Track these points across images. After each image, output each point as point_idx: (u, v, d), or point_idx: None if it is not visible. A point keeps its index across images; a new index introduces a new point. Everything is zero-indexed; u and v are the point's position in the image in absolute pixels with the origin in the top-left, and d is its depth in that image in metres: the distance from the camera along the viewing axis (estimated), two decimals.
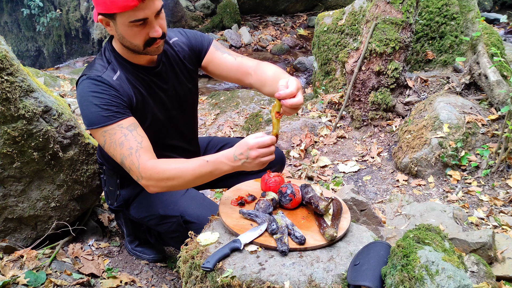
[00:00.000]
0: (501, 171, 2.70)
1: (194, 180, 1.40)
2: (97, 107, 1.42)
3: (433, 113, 2.98)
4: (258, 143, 1.31)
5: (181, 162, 1.42)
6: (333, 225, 1.30)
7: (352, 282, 1.11)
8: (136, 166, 1.41)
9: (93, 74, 1.48)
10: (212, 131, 4.16)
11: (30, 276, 1.58)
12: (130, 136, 1.43)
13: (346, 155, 3.32)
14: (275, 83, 1.45)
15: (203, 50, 1.71)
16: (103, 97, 1.43)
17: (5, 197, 1.75)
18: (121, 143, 1.42)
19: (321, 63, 4.34)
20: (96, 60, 1.56)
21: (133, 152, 1.41)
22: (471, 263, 1.56)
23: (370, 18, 3.34)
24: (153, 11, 1.38)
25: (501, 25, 6.98)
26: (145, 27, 1.40)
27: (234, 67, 1.69)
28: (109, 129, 1.42)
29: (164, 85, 1.63)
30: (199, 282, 1.22)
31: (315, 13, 8.29)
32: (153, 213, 1.70)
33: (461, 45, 3.73)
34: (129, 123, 1.45)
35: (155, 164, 1.41)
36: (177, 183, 1.41)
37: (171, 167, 1.40)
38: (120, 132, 1.42)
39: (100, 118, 1.42)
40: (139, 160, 1.40)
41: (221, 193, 2.85)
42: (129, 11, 1.34)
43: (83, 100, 1.46)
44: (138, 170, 1.41)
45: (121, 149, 1.42)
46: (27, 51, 8.14)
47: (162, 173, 1.39)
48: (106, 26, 1.45)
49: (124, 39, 1.44)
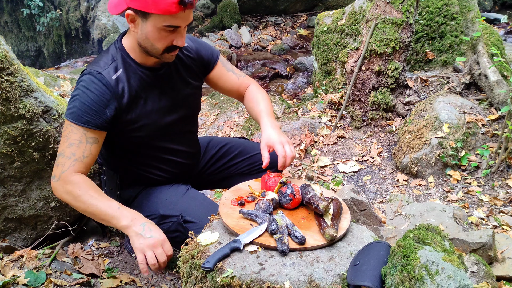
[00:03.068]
0: (501, 171, 2.70)
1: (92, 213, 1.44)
2: (81, 104, 1.46)
3: (433, 113, 2.98)
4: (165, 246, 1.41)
5: (97, 192, 1.46)
6: (333, 225, 1.30)
7: (352, 282, 1.11)
8: (64, 168, 1.45)
9: (94, 70, 1.50)
10: (212, 131, 4.16)
11: (30, 276, 1.58)
12: (83, 146, 1.47)
13: (346, 155, 3.32)
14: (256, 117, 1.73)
15: (211, 63, 1.76)
16: (90, 98, 1.46)
17: (5, 197, 1.75)
18: (71, 144, 1.46)
19: (321, 63, 4.34)
20: (101, 56, 1.56)
21: (72, 159, 1.46)
22: (471, 263, 1.56)
23: (370, 18, 3.34)
24: (186, 22, 1.42)
25: (501, 25, 6.98)
26: (172, 34, 1.43)
27: (236, 87, 1.83)
28: (74, 127, 1.46)
29: (167, 87, 1.63)
30: (199, 282, 1.22)
31: (315, 13, 8.29)
32: (153, 213, 1.70)
33: (461, 45, 3.73)
34: (93, 135, 1.48)
35: (78, 178, 1.46)
36: (78, 206, 1.46)
37: (87, 189, 1.45)
38: (79, 136, 1.47)
39: (76, 115, 1.46)
40: (70, 168, 1.45)
41: (221, 193, 2.85)
42: (167, 15, 1.35)
43: (76, 89, 1.50)
44: (61, 173, 1.45)
45: (67, 148, 1.47)
46: (27, 51, 8.14)
47: (75, 188, 1.44)
48: (131, 22, 1.44)
49: (147, 40, 1.44)
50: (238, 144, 1.93)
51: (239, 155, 1.89)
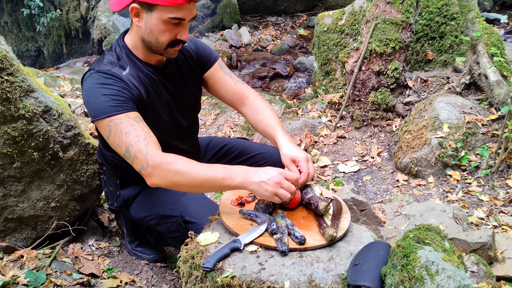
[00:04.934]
0: (501, 171, 2.70)
1: (202, 182, 1.33)
2: (105, 97, 1.40)
3: (433, 113, 2.98)
4: (287, 174, 1.32)
5: (194, 162, 1.37)
6: (333, 225, 1.30)
7: (352, 282, 1.11)
8: (144, 153, 1.34)
9: (102, 68, 1.47)
10: (212, 131, 4.16)
11: (30, 276, 1.58)
12: (137, 126, 1.39)
13: (346, 155, 3.32)
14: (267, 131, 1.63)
15: (208, 63, 1.74)
16: (112, 88, 1.42)
17: (5, 197, 1.75)
18: (128, 132, 1.36)
19: (321, 63, 4.34)
20: (106, 55, 1.54)
21: (141, 140, 1.35)
22: (471, 263, 1.56)
23: (370, 18, 3.34)
24: (191, 15, 1.42)
25: (501, 25, 6.98)
26: (177, 28, 1.43)
27: (231, 91, 1.75)
28: (115, 119, 1.38)
29: (171, 86, 1.63)
30: (199, 282, 1.22)
31: (315, 13, 8.29)
32: (153, 213, 1.70)
33: (461, 45, 3.73)
34: (135, 115, 1.42)
35: (165, 155, 1.36)
36: (183, 180, 1.33)
37: (183, 161, 1.35)
38: (126, 121, 1.38)
39: (107, 108, 1.38)
40: (148, 148, 1.34)
41: (221, 193, 2.85)
42: (173, 7, 1.36)
43: (91, 91, 1.43)
44: (145, 158, 1.34)
45: (127, 137, 1.36)
46: (27, 51, 8.13)
47: (172, 164, 1.33)
48: (135, 16, 1.44)
49: (151, 33, 1.44)
50: (238, 144, 1.93)
51: (239, 155, 1.89)
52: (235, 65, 7.01)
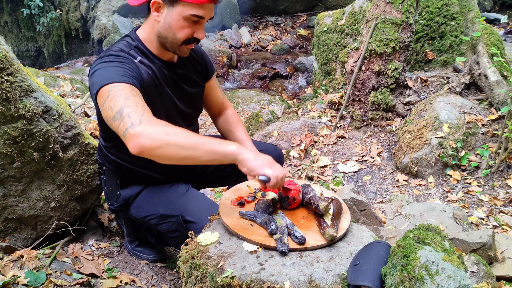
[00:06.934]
0: (501, 171, 2.70)
1: (196, 143, 1.24)
2: (114, 68, 1.36)
3: (433, 113, 2.98)
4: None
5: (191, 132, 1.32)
6: (333, 225, 1.30)
7: (352, 282, 1.11)
8: (139, 114, 1.25)
9: (114, 51, 1.46)
10: (212, 131, 4.16)
11: (30, 276, 1.58)
12: (139, 98, 1.32)
13: (346, 155, 3.32)
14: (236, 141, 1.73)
15: (210, 72, 1.82)
16: (122, 66, 1.39)
17: (5, 197, 1.75)
18: (127, 97, 1.28)
19: (321, 63, 4.35)
20: (116, 44, 1.54)
21: (139, 107, 1.27)
22: (471, 263, 1.56)
23: (370, 18, 3.34)
24: (209, 15, 1.46)
25: (501, 25, 6.99)
26: (195, 26, 1.46)
27: (218, 103, 1.90)
28: (119, 85, 1.31)
29: (180, 83, 1.66)
30: (199, 282, 1.22)
31: (315, 13, 8.29)
32: (153, 213, 1.70)
33: (461, 45, 3.73)
34: (139, 92, 1.37)
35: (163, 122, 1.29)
36: (177, 140, 1.23)
37: (177, 129, 1.28)
38: (130, 91, 1.31)
39: (115, 76, 1.34)
40: (144, 113, 1.26)
41: (221, 193, 2.85)
42: (196, 4, 1.39)
43: (100, 67, 1.39)
44: (140, 117, 1.24)
45: (126, 101, 1.27)
46: (27, 51, 8.14)
47: (168, 125, 1.27)
48: (155, 10, 1.45)
49: (169, 28, 1.45)
50: None
51: None
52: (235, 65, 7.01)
